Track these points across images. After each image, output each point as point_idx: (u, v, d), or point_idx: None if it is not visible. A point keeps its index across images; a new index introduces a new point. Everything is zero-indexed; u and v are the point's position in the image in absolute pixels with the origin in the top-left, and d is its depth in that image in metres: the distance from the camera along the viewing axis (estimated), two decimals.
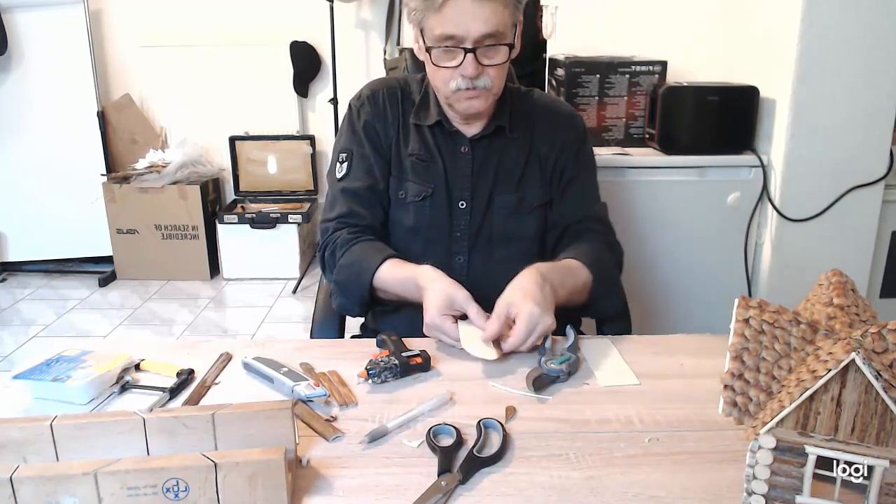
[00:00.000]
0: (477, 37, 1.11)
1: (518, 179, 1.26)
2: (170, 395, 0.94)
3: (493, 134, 1.26)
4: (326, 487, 0.75)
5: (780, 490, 0.68)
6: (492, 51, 1.14)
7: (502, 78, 1.20)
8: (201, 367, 1.02)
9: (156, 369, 1.01)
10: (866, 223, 1.92)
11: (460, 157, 1.26)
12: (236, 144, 3.67)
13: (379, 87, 1.30)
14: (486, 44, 1.13)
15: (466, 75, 1.14)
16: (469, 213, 1.25)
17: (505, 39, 1.14)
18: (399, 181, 1.27)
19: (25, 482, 0.65)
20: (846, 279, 0.86)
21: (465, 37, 1.11)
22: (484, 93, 1.18)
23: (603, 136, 2.03)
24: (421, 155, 1.26)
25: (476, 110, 1.20)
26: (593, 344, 1.10)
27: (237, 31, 3.60)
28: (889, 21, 1.75)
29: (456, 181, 1.26)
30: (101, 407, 0.93)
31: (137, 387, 0.97)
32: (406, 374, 0.99)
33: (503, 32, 1.13)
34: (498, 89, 1.20)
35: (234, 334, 2.94)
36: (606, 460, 0.80)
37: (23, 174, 3.48)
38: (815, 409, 0.66)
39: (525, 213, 1.27)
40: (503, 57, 1.15)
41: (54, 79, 3.41)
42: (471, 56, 1.12)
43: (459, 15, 1.10)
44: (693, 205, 1.96)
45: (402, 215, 1.27)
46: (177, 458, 0.68)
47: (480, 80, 1.15)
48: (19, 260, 3.59)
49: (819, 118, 1.82)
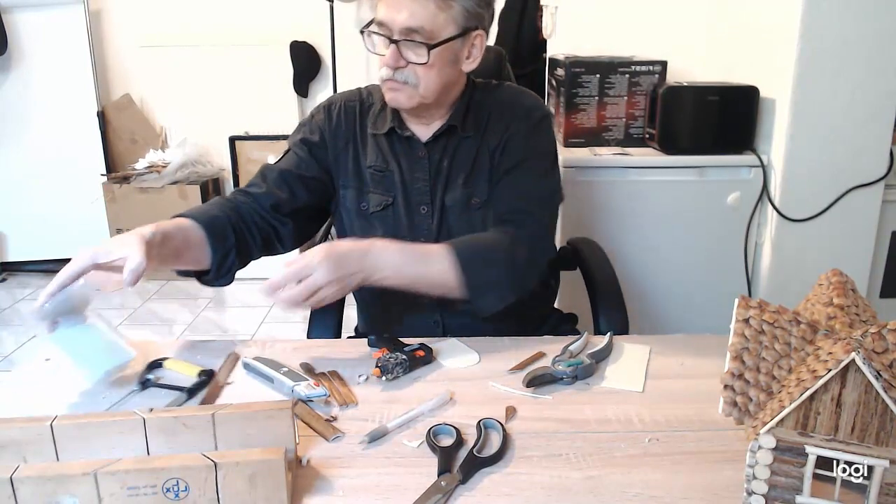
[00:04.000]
0: (401, 28, 1.11)
1: (467, 176, 1.24)
2: (187, 396, 0.95)
3: (447, 134, 1.24)
4: (326, 487, 0.75)
5: (780, 490, 0.68)
6: (417, 48, 1.13)
7: (432, 81, 1.16)
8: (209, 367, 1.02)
9: (178, 369, 1.01)
10: (866, 223, 1.92)
11: (417, 161, 1.25)
12: (236, 144, 3.67)
13: (337, 99, 1.32)
14: (411, 38, 1.12)
15: (386, 64, 1.15)
16: (431, 217, 1.24)
17: (431, 39, 1.12)
18: (360, 193, 1.26)
19: (25, 482, 0.65)
20: (846, 279, 0.86)
21: (391, 26, 1.12)
22: (407, 88, 1.16)
23: (603, 136, 2.03)
24: (378, 165, 1.25)
25: (398, 104, 1.19)
26: (630, 349, 1.09)
27: (237, 31, 3.60)
28: (889, 21, 1.75)
29: (414, 186, 1.24)
30: (121, 403, 0.94)
31: (158, 385, 0.98)
32: (413, 369, 1.01)
33: (430, 31, 1.12)
34: (427, 91, 1.16)
35: (234, 334, 2.94)
36: (606, 460, 0.80)
37: (23, 174, 3.48)
38: (815, 409, 0.66)
39: (474, 210, 1.24)
40: (422, 57, 1.13)
41: (54, 79, 3.41)
42: (393, 46, 1.13)
43: (391, 3, 1.12)
44: (693, 205, 1.96)
45: (366, 227, 1.26)
46: (177, 458, 0.68)
47: (402, 73, 1.15)
48: (19, 260, 3.58)
49: (819, 118, 1.82)
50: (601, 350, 1.04)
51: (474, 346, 1.08)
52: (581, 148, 2.03)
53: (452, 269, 1.11)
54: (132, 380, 0.99)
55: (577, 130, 2.03)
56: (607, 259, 1.45)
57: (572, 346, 1.04)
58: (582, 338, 1.07)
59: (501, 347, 1.09)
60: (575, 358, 1.01)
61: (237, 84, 3.63)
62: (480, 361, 1.04)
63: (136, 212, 3.44)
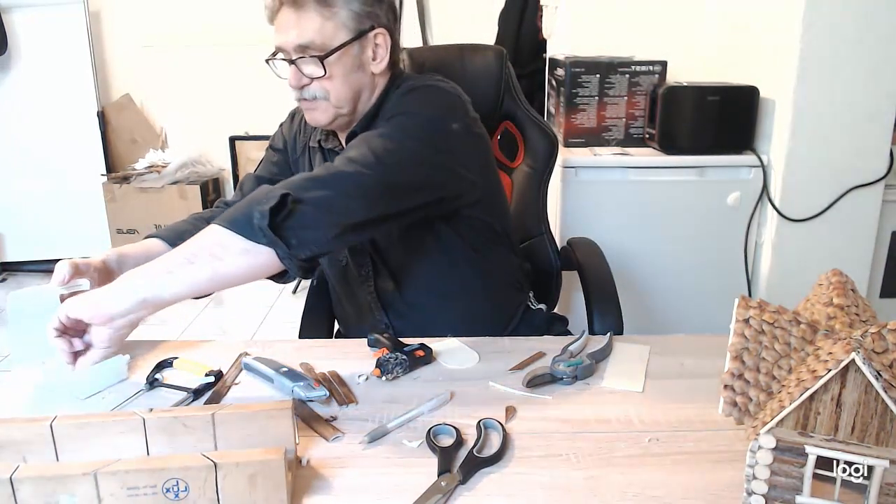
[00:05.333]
0: (294, 47, 1.11)
1: None
2: (194, 396, 0.95)
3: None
4: (326, 487, 0.75)
5: (780, 490, 0.68)
6: (313, 63, 1.11)
7: (341, 90, 1.14)
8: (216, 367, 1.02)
9: (187, 368, 1.01)
10: (866, 223, 1.92)
11: None
12: (236, 144, 3.67)
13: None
14: (302, 55, 1.11)
15: (291, 85, 1.14)
16: None
17: (322, 51, 1.10)
18: None
19: (25, 482, 0.65)
20: (846, 279, 0.86)
21: (285, 47, 1.12)
22: (321, 104, 1.15)
23: (603, 136, 2.03)
24: None
25: (318, 122, 1.18)
26: (630, 349, 1.08)
27: (237, 31, 3.59)
28: (889, 21, 1.75)
29: None
30: (128, 403, 0.94)
31: (165, 385, 0.98)
32: (413, 368, 1.01)
33: (322, 44, 1.10)
34: (339, 101, 1.14)
35: (235, 334, 2.94)
36: (606, 460, 0.80)
37: (22, 174, 3.48)
38: (815, 409, 0.66)
39: None
40: (316, 70, 1.11)
41: (54, 79, 3.41)
42: (292, 67, 1.12)
43: (280, 27, 1.12)
44: (693, 205, 1.96)
45: None
46: (177, 458, 0.68)
47: (309, 91, 1.14)
48: (19, 260, 3.58)
49: (819, 118, 1.82)
50: (601, 350, 1.04)
51: (474, 346, 1.09)
52: (581, 148, 2.03)
53: (231, 236, 0.95)
54: (140, 379, 0.99)
55: (577, 130, 2.03)
56: (604, 259, 1.45)
57: (572, 346, 1.04)
58: (582, 338, 1.07)
59: (501, 347, 1.09)
60: (575, 358, 1.01)
61: (237, 84, 3.63)
62: (480, 361, 1.04)
63: (136, 212, 3.44)
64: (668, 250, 2.00)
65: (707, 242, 2.00)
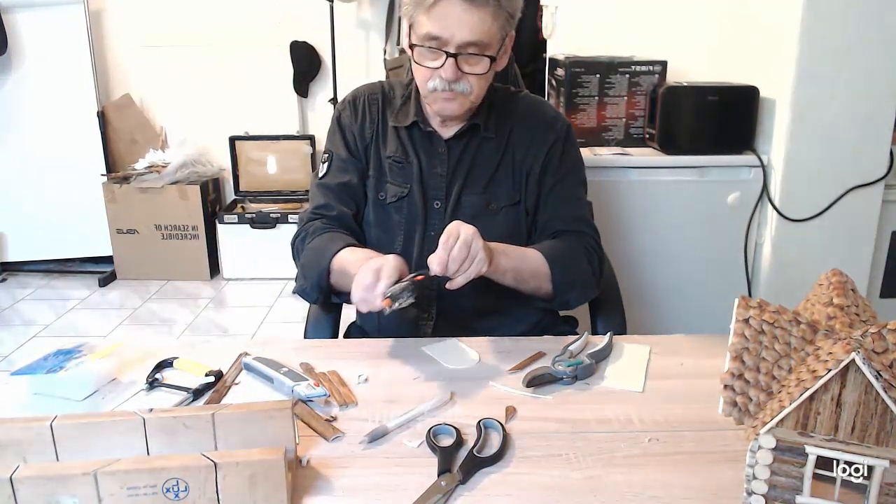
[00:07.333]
0: (460, 43, 1.12)
1: (488, 180, 1.26)
2: (193, 396, 0.95)
3: (468, 133, 1.26)
4: (326, 487, 0.75)
5: (780, 490, 0.68)
6: (473, 59, 1.15)
7: (483, 87, 1.20)
8: (216, 367, 1.02)
9: (187, 368, 1.01)
10: (866, 223, 1.92)
11: (436, 157, 1.27)
12: (236, 144, 3.67)
13: (362, 92, 1.33)
14: (469, 52, 1.13)
15: (445, 78, 1.15)
16: (444, 213, 1.26)
17: (488, 51, 1.14)
18: (379, 183, 1.28)
19: (25, 482, 0.65)
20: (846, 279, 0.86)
21: (448, 40, 1.12)
22: (461, 97, 1.18)
23: (603, 136, 2.03)
24: (397, 157, 1.27)
25: (450, 113, 1.21)
26: (630, 349, 1.09)
27: (237, 31, 3.60)
28: (889, 21, 1.74)
29: (431, 181, 1.26)
30: (126, 404, 0.94)
31: (165, 385, 0.98)
32: (418, 291, 1.02)
33: (488, 44, 1.14)
34: (477, 97, 1.20)
35: (235, 334, 2.94)
36: (606, 460, 0.80)
37: (23, 174, 3.48)
38: (815, 409, 0.66)
39: (492, 215, 1.26)
40: (484, 67, 1.16)
41: (54, 79, 3.41)
42: (451, 60, 1.13)
43: (447, 18, 1.11)
44: (693, 205, 1.96)
45: (383, 217, 1.28)
46: (177, 458, 0.68)
47: (459, 84, 1.16)
48: (19, 260, 3.59)
49: (819, 118, 1.82)
50: (601, 350, 1.04)
51: (474, 346, 1.09)
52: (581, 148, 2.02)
53: (546, 265, 1.18)
54: (106, 378, 0.98)
55: (577, 130, 2.01)
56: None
57: (572, 346, 1.04)
58: (582, 338, 1.07)
59: (501, 347, 1.09)
60: (575, 358, 1.01)
61: (237, 84, 3.63)
62: (480, 361, 1.04)
63: (136, 212, 3.44)
64: (668, 250, 2.00)
65: (707, 242, 2.00)
